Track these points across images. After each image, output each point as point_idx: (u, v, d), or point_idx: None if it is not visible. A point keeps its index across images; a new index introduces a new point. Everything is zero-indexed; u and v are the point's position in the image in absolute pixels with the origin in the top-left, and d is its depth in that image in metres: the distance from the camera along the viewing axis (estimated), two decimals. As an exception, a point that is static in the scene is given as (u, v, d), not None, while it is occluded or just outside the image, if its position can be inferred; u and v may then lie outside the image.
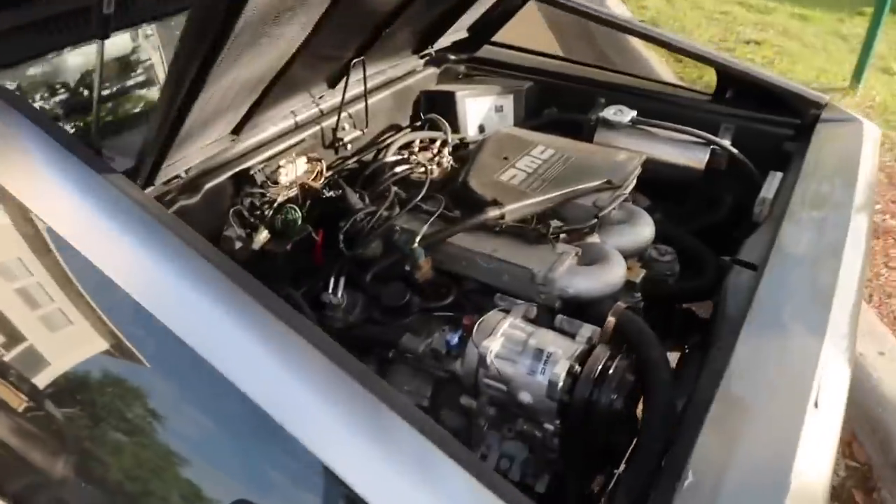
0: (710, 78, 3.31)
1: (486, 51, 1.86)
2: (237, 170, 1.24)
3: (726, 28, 4.75)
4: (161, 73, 1.42)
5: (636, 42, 4.16)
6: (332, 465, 0.66)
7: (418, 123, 1.63)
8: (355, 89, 1.43)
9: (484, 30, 1.76)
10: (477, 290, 1.21)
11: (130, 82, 1.39)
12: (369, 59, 1.40)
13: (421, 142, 1.50)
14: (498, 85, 1.73)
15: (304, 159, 1.33)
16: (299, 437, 0.67)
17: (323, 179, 1.35)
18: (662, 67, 4.02)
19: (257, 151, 1.29)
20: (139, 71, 1.40)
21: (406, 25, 1.42)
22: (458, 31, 1.69)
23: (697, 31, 4.68)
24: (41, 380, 0.88)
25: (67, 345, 0.89)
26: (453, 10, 1.53)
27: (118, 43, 1.34)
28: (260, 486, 0.76)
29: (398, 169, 1.34)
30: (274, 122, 1.33)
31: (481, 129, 1.71)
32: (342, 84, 1.39)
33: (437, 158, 1.44)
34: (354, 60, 1.37)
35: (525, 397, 0.97)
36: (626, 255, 1.21)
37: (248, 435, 0.75)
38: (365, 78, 1.40)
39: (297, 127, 1.38)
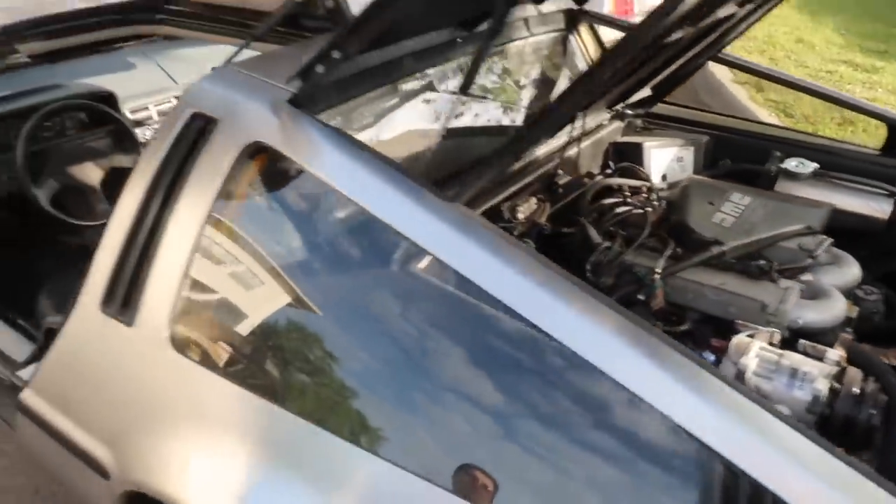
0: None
1: (659, 107, 2.03)
2: (488, 206, 1.42)
3: (834, 86, 4.82)
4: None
5: (726, 81, 4.39)
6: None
7: (609, 171, 1.79)
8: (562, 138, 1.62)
9: (664, 88, 1.93)
10: (700, 320, 1.35)
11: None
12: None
13: (624, 187, 1.67)
14: (679, 137, 1.89)
15: (533, 199, 1.51)
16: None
17: (545, 217, 1.52)
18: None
19: (501, 189, 1.47)
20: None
21: (616, 87, 1.61)
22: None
23: (802, 94, 4.76)
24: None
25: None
26: (652, 73, 1.71)
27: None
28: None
29: (619, 210, 1.51)
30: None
31: (663, 177, 1.86)
32: (561, 134, 1.58)
33: (645, 202, 1.60)
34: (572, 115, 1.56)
35: (784, 411, 1.09)
36: (836, 294, 1.33)
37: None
38: (582, 131, 1.59)
39: (526, 170, 1.56)
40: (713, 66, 5.18)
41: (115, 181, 2.28)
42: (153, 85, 2.67)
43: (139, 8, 1.90)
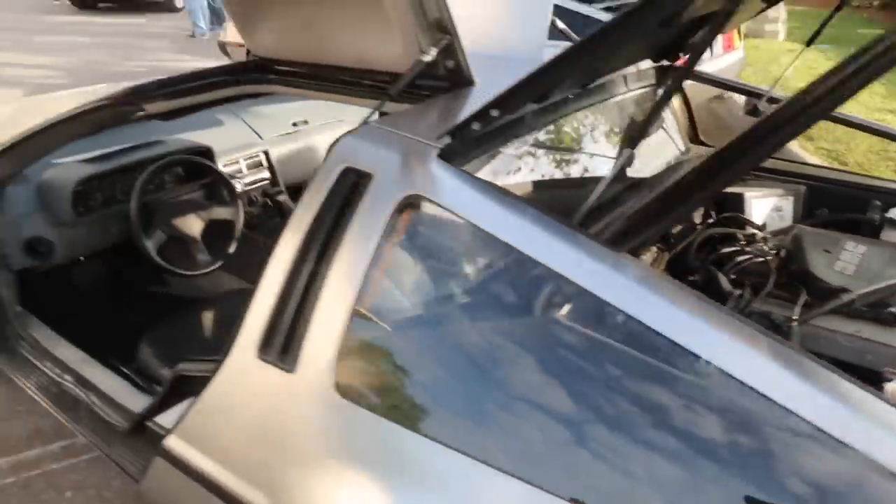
0: None
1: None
2: None
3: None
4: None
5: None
6: None
7: (711, 220, 1.83)
8: None
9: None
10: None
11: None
12: None
13: (739, 236, 1.70)
14: (778, 188, 1.92)
15: (654, 247, 1.55)
16: None
17: (663, 265, 1.56)
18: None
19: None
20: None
21: None
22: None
23: (853, 142, 4.80)
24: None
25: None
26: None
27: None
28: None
29: (739, 258, 1.54)
30: None
31: (762, 227, 1.89)
32: None
33: (762, 251, 1.63)
34: None
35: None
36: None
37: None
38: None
39: None
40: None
41: (215, 232, 2.37)
42: (241, 140, 2.79)
43: (251, 68, 2.00)
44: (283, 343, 1.22)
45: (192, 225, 2.31)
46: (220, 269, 2.53)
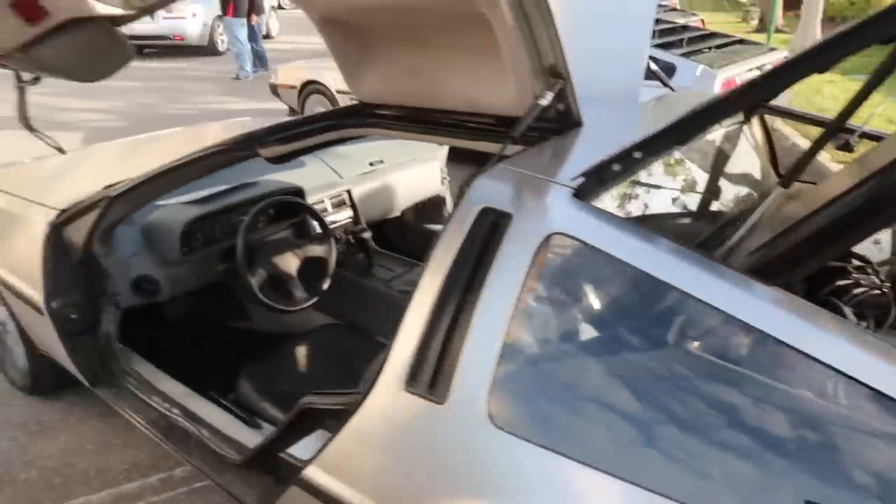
0: None
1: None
2: None
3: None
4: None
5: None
6: None
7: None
8: None
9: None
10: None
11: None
12: None
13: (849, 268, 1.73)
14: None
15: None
16: None
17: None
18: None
19: None
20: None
21: None
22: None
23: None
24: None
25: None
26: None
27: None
28: None
29: (856, 290, 1.57)
30: None
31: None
32: None
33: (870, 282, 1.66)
34: None
35: None
36: None
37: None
38: None
39: None
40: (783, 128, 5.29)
41: (309, 269, 2.45)
42: (323, 180, 2.89)
43: (353, 113, 2.09)
44: (431, 376, 1.27)
45: (290, 263, 2.39)
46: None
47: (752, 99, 1.19)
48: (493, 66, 1.68)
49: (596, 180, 1.30)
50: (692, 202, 1.71)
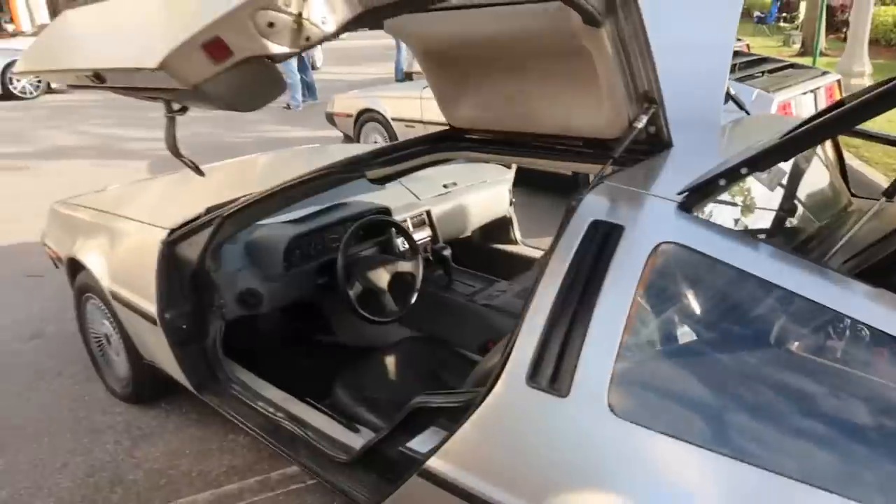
0: None
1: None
2: None
3: None
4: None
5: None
6: None
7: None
8: None
9: None
10: None
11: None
12: None
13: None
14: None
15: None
16: None
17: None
18: None
19: None
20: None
21: None
22: None
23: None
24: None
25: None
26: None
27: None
28: None
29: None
30: None
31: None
32: None
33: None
34: None
35: None
36: None
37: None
38: None
39: None
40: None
41: (398, 284, 2.61)
42: (403, 200, 3.06)
43: (447, 138, 2.26)
44: (552, 372, 1.41)
45: (382, 277, 2.56)
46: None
47: (846, 126, 1.31)
48: (588, 91, 1.83)
49: (700, 194, 1.43)
50: (782, 213, 1.83)
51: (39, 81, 13.00)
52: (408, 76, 11.14)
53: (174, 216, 2.52)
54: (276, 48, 1.23)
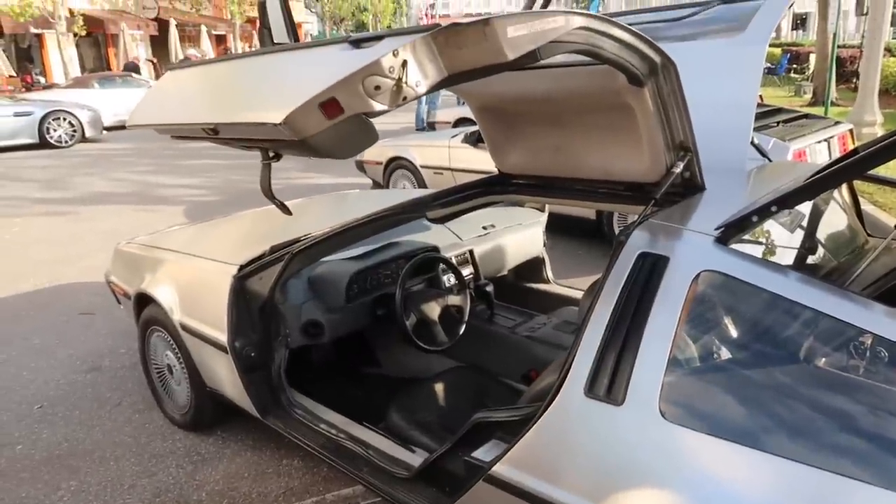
0: None
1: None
2: None
3: None
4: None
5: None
6: None
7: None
8: None
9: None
10: None
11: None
12: None
13: None
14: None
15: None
16: None
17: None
18: None
19: None
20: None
21: None
22: None
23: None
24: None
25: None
26: None
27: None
28: None
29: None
30: None
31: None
32: None
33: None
34: None
35: None
36: None
37: None
38: None
39: None
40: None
41: (448, 316, 2.82)
42: (446, 241, 3.29)
43: (496, 182, 2.50)
44: (608, 385, 1.61)
45: (433, 310, 2.77)
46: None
47: (863, 169, 1.53)
48: (630, 141, 2.07)
49: (735, 229, 1.65)
50: (804, 251, 2.04)
51: (75, 131, 13.54)
52: (430, 126, 11.58)
53: (239, 253, 2.76)
54: (378, 106, 1.47)
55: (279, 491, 2.82)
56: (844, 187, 2.48)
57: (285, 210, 2.09)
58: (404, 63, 1.42)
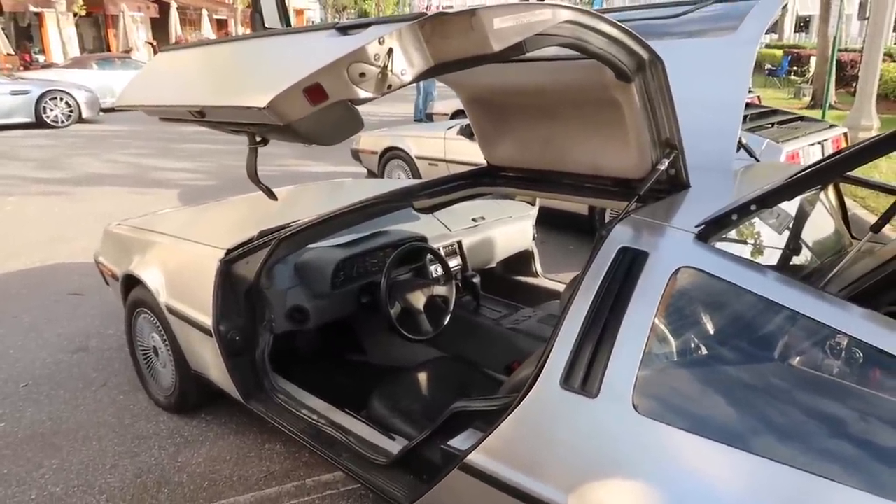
0: None
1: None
2: None
3: None
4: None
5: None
6: None
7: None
8: None
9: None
10: None
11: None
12: None
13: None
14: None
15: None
16: None
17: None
18: None
19: None
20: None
21: None
22: None
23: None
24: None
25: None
26: None
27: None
28: None
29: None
30: None
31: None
32: None
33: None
34: None
35: None
36: None
37: None
38: None
39: None
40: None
41: (432, 306, 2.83)
42: (436, 231, 3.30)
43: (484, 174, 2.51)
44: (583, 377, 1.62)
45: (419, 299, 2.78)
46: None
47: (842, 170, 1.54)
48: (617, 137, 2.08)
49: (715, 227, 1.66)
50: (787, 252, 2.06)
51: (72, 111, 13.48)
52: (428, 117, 11.56)
53: (228, 238, 2.76)
54: (363, 94, 1.47)
55: (260, 475, 2.83)
56: (831, 190, 2.49)
57: (271, 195, 2.09)
58: (390, 51, 1.42)
